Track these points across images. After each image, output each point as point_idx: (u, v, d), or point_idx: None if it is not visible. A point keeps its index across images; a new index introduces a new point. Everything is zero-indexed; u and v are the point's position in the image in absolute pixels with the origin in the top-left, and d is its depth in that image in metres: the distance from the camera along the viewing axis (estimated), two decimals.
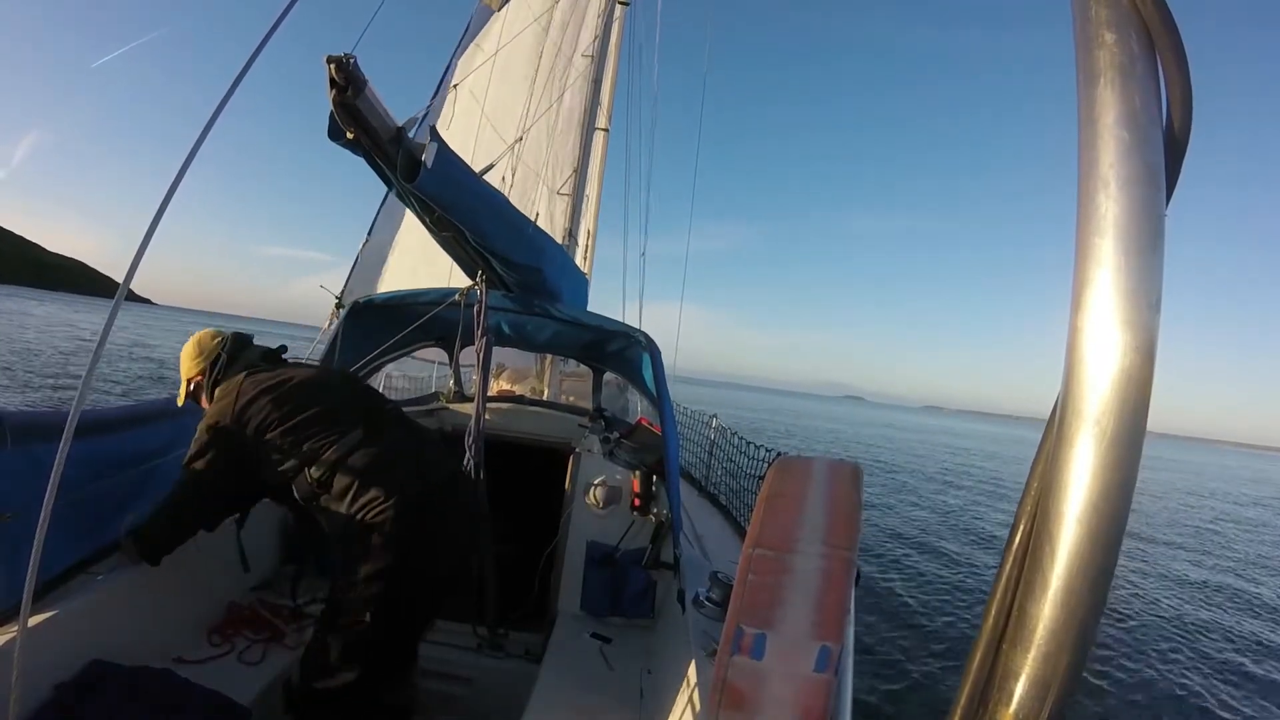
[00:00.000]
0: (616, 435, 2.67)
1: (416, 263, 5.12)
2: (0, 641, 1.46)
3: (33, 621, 1.53)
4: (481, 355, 2.30)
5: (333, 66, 1.36)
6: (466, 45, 6.13)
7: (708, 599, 1.78)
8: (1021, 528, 0.53)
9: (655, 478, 2.56)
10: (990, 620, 0.52)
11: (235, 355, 1.96)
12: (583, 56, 6.65)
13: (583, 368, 4.86)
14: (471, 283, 2.34)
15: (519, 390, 6.34)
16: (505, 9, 6.32)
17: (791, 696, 1.18)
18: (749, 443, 5.67)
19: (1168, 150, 0.47)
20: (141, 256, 0.95)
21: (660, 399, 2.45)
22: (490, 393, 3.04)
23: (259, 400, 1.79)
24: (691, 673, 1.63)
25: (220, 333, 2.04)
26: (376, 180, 1.77)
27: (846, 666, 1.34)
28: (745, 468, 5.49)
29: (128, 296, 1.01)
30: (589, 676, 2.12)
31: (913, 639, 5.96)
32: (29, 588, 0.98)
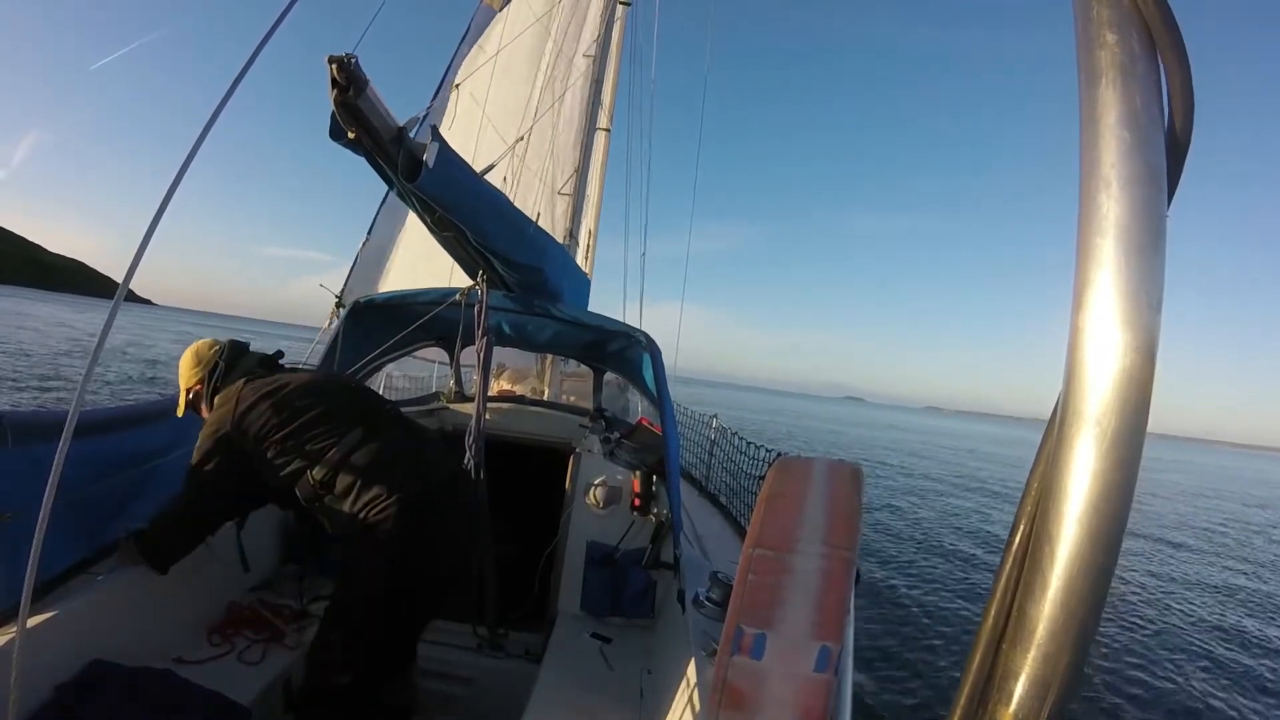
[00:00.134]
0: (617, 435, 2.67)
1: (417, 262, 5.11)
2: (0, 641, 1.46)
3: (33, 621, 1.53)
4: (482, 355, 2.31)
5: (334, 66, 1.37)
6: (468, 45, 6.13)
7: (708, 599, 1.78)
8: (1021, 528, 0.53)
9: (655, 478, 2.56)
10: (990, 620, 0.52)
11: (233, 363, 1.97)
12: (584, 56, 6.65)
13: (583, 368, 4.86)
14: (472, 282, 2.34)
15: (519, 390, 6.34)
16: (506, 9, 6.32)
17: (791, 696, 1.18)
18: (749, 443, 5.68)
19: (1169, 150, 0.47)
20: (141, 257, 0.95)
21: (661, 399, 2.45)
22: (491, 393, 3.04)
23: (258, 406, 1.80)
24: (691, 673, 1.63)
25: (217, 342, 2.05)
26: (377, 180, 1.78)
27: (846, 666, 1.34)
28: (745, 468, 5.49)
29: (128, 297, 1.01)
30: (589, 676, 2.11)
31: (912, 639, 5.97)
32: (28, 588, 0.98)
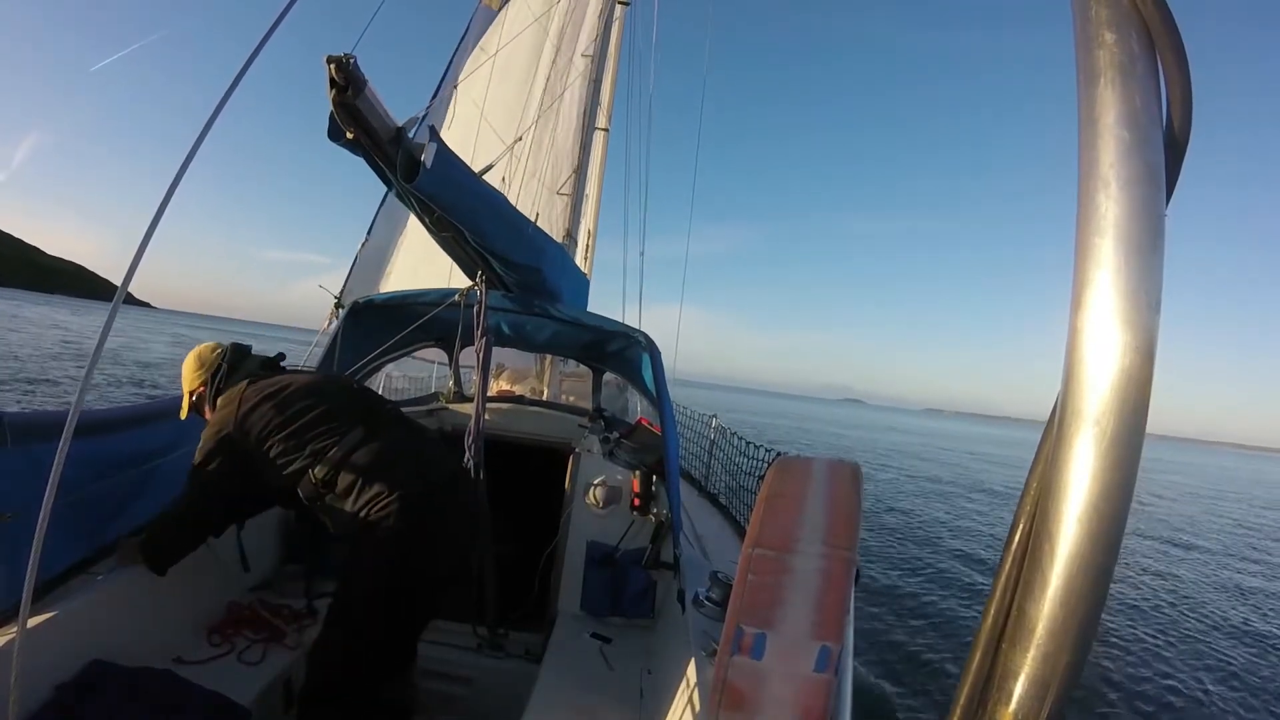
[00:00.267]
0: (616, 435, 2.67)
1: (416, 262, 5.11)
2: (0, 641, 1.46)
3: (33, 621, 1.53)
4: (481, 355, 2.30)
5: (333, 66, 1.37)
6: (467, 45, 6.12)
7: (708, 599, 1.78)
8: (1021, 528, 0.53)
9: (655, 478, 2.56)
10: (989, 620, 0.52)
11: (235, 365, 1.99)
12: (583, 56, 6.65)
13: (583, 368, 4.85)
14: (471, 283, 2.34)
15: (519, 390, 6.34)
16: (505, 9, 6.31)
17: (791, 696, 1.18)
18: (749, 443, 5.68)
19: (1168, 150, 0.47)
20: (140, 258, 0.95)
21: (660, 399, 2.44)
22: (490, 393, 3.04)
23: (261, 407, 1.81)
24: (691, 673, 1.63)
25: (219, 345, 2.06)
26: (376, 180, 1.77)
27: (846, 666, 1.34)
28: (745, 468, 5.50)
29: (126, 299, 1.01)
30: (589, 676, 2.11)
31: (912, 639, 5.96)
32: (29, 588, 0.98)
